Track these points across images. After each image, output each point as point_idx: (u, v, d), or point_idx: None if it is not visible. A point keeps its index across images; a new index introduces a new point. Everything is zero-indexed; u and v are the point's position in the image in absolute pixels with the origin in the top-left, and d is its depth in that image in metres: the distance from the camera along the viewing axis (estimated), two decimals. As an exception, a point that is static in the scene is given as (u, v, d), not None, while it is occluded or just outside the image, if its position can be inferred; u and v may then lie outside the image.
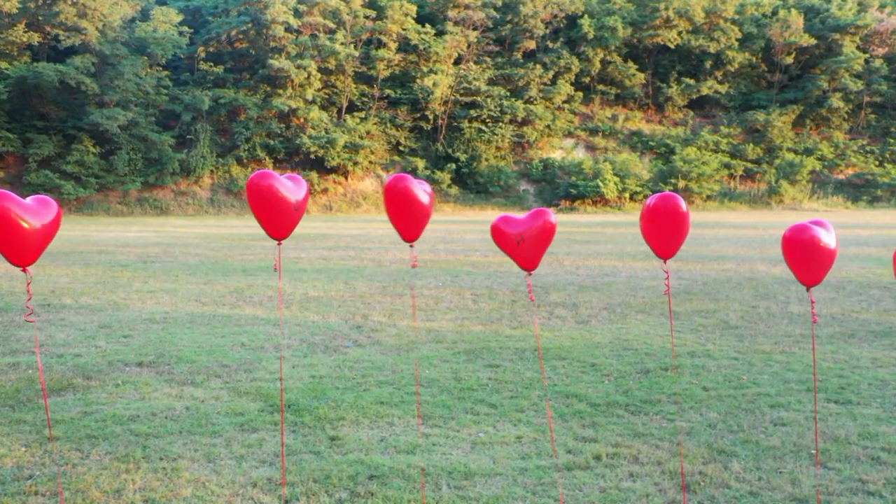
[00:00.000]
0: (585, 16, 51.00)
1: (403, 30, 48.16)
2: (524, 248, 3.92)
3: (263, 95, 45.75)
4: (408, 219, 3.71)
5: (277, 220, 3.64)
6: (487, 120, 49.01)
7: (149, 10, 45.37)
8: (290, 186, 3.66)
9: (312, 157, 45.13)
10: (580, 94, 52.24)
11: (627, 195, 46.64)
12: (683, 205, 3.69)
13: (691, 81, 53.01)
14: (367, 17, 47.65)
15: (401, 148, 48.73)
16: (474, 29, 50.26)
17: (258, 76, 46.03)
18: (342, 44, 46.15)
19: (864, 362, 7.25)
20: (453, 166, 47.68)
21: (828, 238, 3.62)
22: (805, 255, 3.59)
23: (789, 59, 52.68)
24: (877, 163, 51.93)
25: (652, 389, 6.24)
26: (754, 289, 12.19)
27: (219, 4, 47.88)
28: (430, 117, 48.54)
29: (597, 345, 8.02)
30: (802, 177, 49.79)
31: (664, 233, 3.81)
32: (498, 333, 8.62)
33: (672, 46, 51.80)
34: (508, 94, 49.69)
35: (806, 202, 48.80)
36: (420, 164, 47.50)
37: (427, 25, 48.93)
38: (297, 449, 4.84)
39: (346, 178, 46.40)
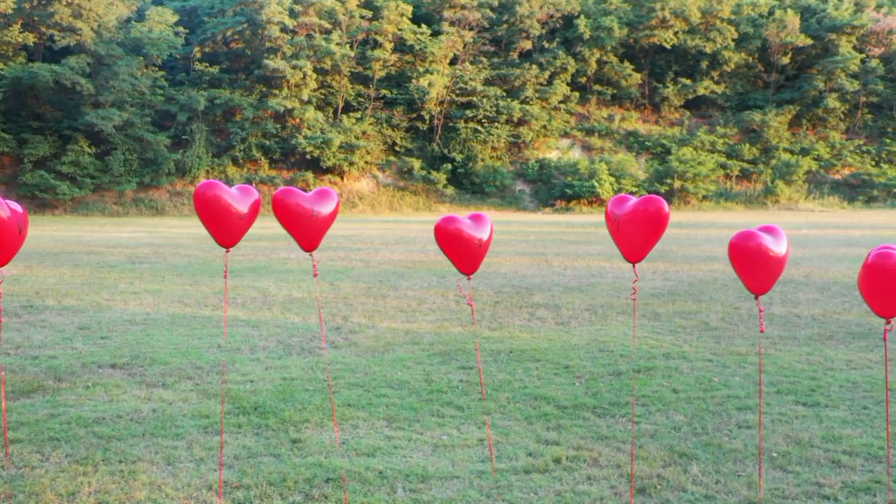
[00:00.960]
0: (581, 16, 50.99)
1: (399, 30, 48.16)
2: (475, 251, 3.93)
3: (259, 96, 45.75)
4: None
5: (224, 228, 3.65)
6: (483, 120, 49.00)
7: (144, 10, 45.37)
8: (236, 195, 3.67)
9: (308, 157, 45.14)
10: (576, 94, 52.23)
11: (623, 195, 46.61)
12: (666, 207, 3.69)
13: (687, 81, 52.99)
14: (362, 18, 47.65)
15: (396, 148, 48.73)
16: (470, 29, 50.27)
17: (254, 76, 46.04)
18: (338, 44, 46.16)
19: (839, 364, 7.26)
20: (449, 166, 47.69)
21: (776, 245, 3.60)
22: (751, 263, 3.58)
23: (785, 60, 52.68)
24: (873, 163, 51.93)
25: (622, 392, 6.24)
26: (739, 290, 12.19)
27: (214, 5, 47.89)
28: (426, 117, 48.54)
29: (573, 346, 8.02)
30: (798, 177, 49.79)
31: (642, 237, 3.79)
32: (476, 335, 8.62)
33: (668, 47, 51.80)
34: (504, 94, 49.68)
35: (802, 202, 48.80)
36: (416, 164, 47.51)
37: (423, 26, 48.92)
38: (258, 451, 4.84)
39: (342, 178, 46.40)
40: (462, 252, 3.91)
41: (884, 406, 5.84)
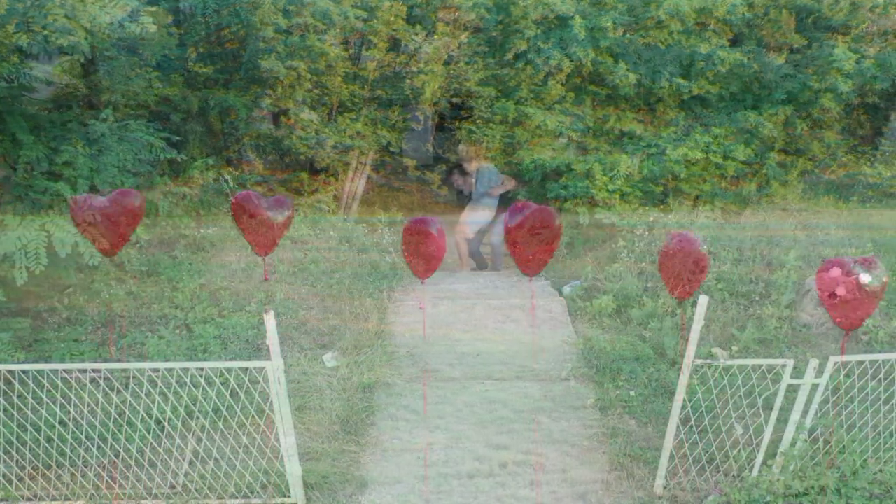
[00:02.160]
0: (577, 16, 51.05)
1: (394, 30, 48.19)
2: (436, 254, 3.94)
3: (253, 96, 45.68)
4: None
5: (106, 235, 3.72)
6: (478, 121, 48.99)
7: (138, 10, 45.40)
8: (102, 201, 3.77)
9: (302, 157, 45.08)
10: (571, 94, 52.20)
11: (617, 195, 46.64)
12: (558, 220, 3.68)
13: (683, 82, 53.03)
14: (357, 18, 47.67)
15: (391, 149, 48.76)
16: (465, 30, 50.34)
17: (248, 77, 46.05)
18: (332, 44, 46.20)
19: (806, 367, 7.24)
20: (444, 167, 47.74)
21: (702, 250, 3.62)
22: (682, 268, 3.59)
23: (781, 60, 52.73)
24: (868, 163, 51.98)
25: (581, 395, 6.23)
26: (720, 291, 12.15)
27: (209, 5, 47.94)
28: (421, 118, 48.57)
29: (542, 349, 8.00)
30: (793, 177, 49.76)
31: (536, 250, 3.78)
32: (447, 337, 8.60)
33: (663, 47, 51.86)
34: (499, 94, 49.72)
35: (797, 202, 48.82)
36: (410, 164, 47.56)
37: (418, 26, 48.93)
38: (207, 455, 4.84)
39: (337, 178, 46.41)
40: (427, 253, 3.92)
41: (841, 411, 5.85)
